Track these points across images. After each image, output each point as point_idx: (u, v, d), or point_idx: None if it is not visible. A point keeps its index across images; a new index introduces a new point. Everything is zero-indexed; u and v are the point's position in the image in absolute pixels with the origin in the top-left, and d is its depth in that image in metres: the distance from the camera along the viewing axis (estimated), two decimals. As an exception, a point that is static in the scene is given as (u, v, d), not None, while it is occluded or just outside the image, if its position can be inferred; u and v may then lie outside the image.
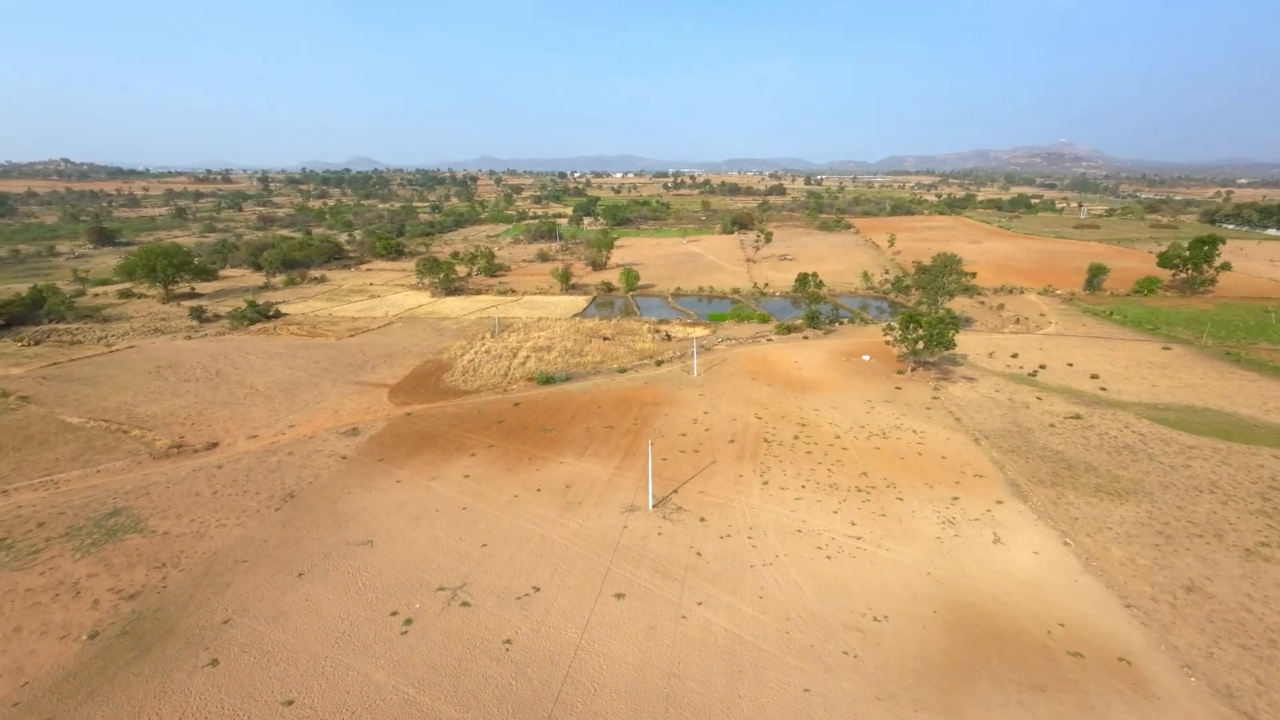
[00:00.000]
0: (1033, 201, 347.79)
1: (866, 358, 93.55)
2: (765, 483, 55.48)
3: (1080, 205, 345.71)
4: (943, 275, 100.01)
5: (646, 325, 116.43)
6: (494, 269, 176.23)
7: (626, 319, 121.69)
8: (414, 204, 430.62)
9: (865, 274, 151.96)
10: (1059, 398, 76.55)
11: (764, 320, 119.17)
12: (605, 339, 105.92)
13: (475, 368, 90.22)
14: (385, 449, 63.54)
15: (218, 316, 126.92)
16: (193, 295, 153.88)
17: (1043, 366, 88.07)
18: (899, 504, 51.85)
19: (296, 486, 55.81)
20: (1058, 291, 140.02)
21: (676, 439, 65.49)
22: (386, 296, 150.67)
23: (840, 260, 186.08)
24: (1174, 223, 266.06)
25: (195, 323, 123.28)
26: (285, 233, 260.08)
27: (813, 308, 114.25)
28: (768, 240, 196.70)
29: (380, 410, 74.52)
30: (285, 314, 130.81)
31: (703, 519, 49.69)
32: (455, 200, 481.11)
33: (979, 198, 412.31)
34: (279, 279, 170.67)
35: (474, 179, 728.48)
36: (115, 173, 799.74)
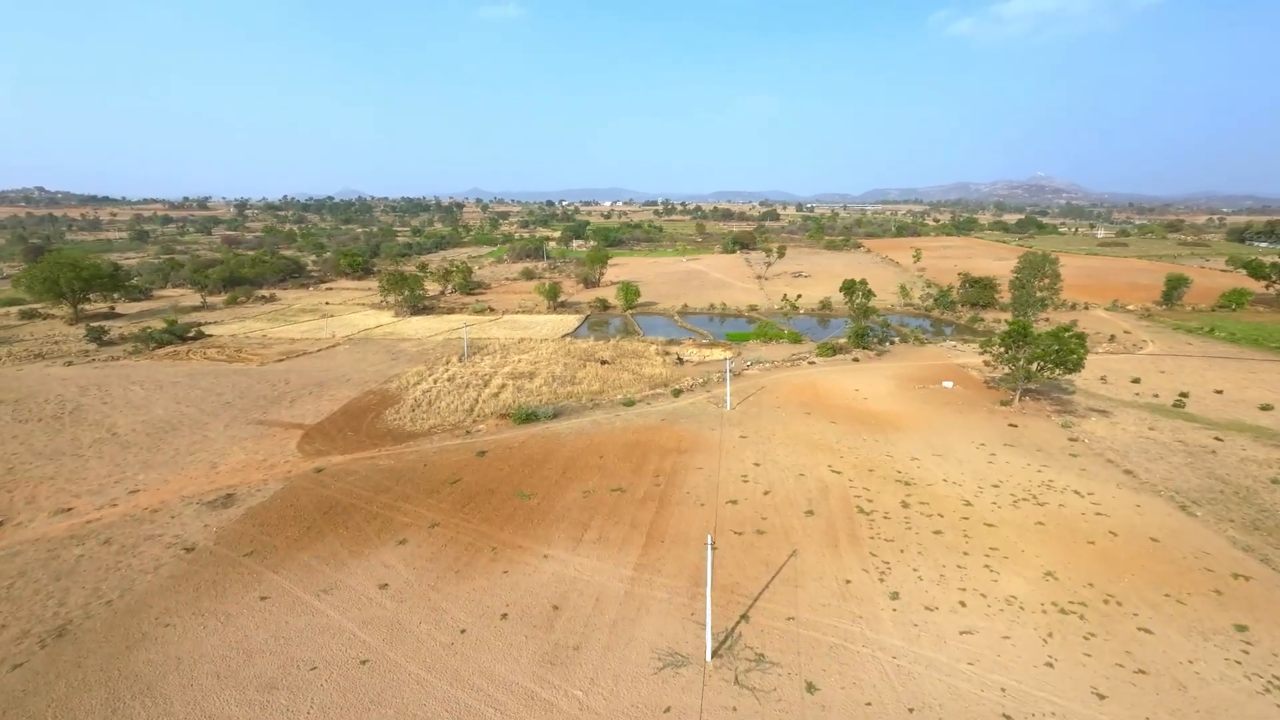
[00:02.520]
0: (1044, 223, 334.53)
1: (949, 384, 71.65)
2: (894, 595, 32.51)
3: (1093, 226, 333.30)
4: (1035, 278, 78.86)
5: (654, 346, 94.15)
6: (470, 286, 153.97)
7: (628, 339, 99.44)
8: (394, 228, 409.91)
9: (903, 289, 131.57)
10: (1246, 438, 54.76)
11: (796, 340, 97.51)
12: (604, 363, 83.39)
13: (431, 401, 66.97)
14: (264, 532, 39.84)
15: (125, 338, 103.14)
16: (112, 315, 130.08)
17: (1184, 395, 66.63)
18: (1150, 642, 29.06)
19: (81, 610, 31.94)
20: (1129, 307, 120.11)
21: (725, 510, 42.50)
22: (341, 316, 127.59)
23: (862, 276, 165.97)
24: (1201, 241, 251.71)
25: (93, 345, 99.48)
26: (251, 254, 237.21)
27: (861, 324, 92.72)
28: (780, 255, 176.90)
29: (279, 464, 50.85)
30: (209, 335, 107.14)
31: (811, 687, 26.47)
32: (439, 226, 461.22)
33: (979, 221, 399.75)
34: (220, 298, 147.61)
35: (460, 206, 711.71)
36: (88, 200, 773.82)
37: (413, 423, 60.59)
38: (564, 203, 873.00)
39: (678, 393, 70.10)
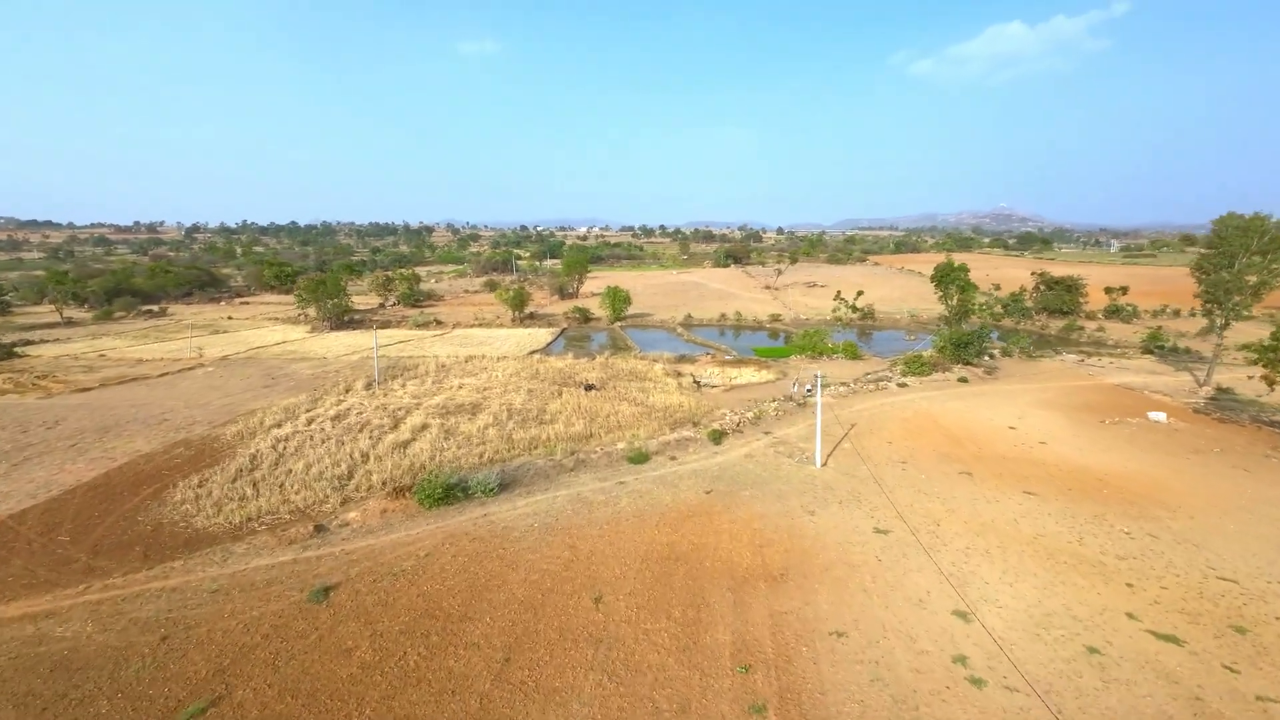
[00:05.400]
0: (1047, 239, 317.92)
1: (1159, 416, 44.18)
2: None
3: (1098, 242, 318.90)
4: (1247, 249, 52.55)
5: (659, 365, 65.66)
6: (418, 297, 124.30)
7: (620, 356, 70.69)
8: (353, 249, 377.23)
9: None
10: None
11: (853, 354, 70.08)
12: (589, 388, 54.41)
13: (279, 459, 36.94)
14: None
15: (-109, 363, 71.02)
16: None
17: None
18: None
19: None
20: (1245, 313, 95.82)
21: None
22: (238, 332, 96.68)
23: (887, 287, 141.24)
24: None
25: None
26: (150, 265, 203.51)
27: (961, 331, 65.66)
28: (793, 262, 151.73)
29: None
30: (23, 355, 75.54)
31: None
32: (404, 248, 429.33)
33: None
34: (91, 313, 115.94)
35: (429, 229, 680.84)
36: (26, 224, 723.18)
37: (217, 509, 30.42)
38: (538, 228, 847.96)
39: (717, 436, 41.27)
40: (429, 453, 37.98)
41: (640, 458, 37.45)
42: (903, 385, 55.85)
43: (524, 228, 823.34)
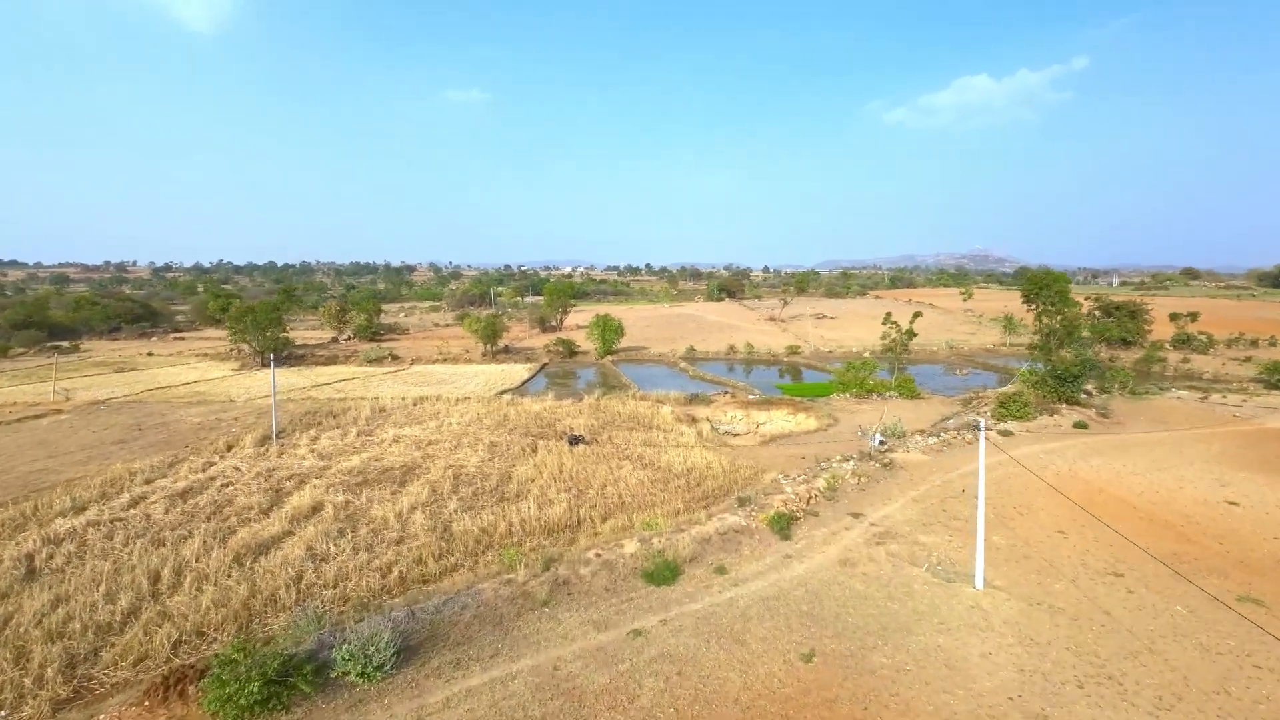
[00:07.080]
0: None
1: None
2: None
3: (1095, 277, 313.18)
4: None
5: (667, 406, 50.10)
6: (377, 329, 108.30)
7: (615, 397, 55.01)
8: (327, 285, 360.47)
9: (1008, 321, 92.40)
10: None
11: (910, 393, 55.47)
12: (576, 442, 38.55)
13: (10, 588, 20.55)
14: None
15: None
16: None
17: None
18: None
19: None
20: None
21: None
22: (149, 371, 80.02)
23: (906, 319, 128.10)
24: (1230, 285, 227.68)
25: None
26: (76, 296, 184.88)
27: (1063, 361, 51.21)
28: (801, 291, 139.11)
29: None
30: None
31: None
32: (381, 286, 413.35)
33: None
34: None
35: (411, 269, 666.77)
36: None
37: None
38: (523, 267, 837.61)
39: (783, 524, 25.46)
40: (297, 565, 21.79)
41: (666, 572, 21.55)
42: (1006, 434, 40.82)
43: (508, 267, 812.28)
